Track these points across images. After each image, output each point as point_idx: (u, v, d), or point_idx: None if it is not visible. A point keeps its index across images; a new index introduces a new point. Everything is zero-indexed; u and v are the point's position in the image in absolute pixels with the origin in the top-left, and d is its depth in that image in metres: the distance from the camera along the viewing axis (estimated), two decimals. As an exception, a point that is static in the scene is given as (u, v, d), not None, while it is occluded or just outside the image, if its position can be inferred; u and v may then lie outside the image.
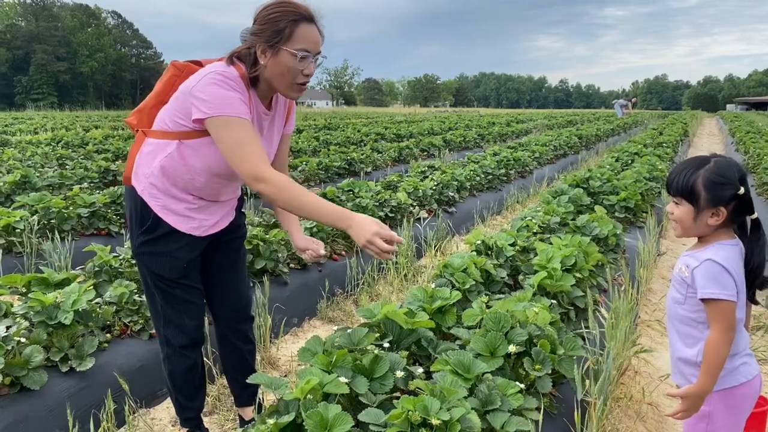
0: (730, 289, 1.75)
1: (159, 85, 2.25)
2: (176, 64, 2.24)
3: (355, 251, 4.67)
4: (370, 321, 2.55)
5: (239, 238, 2.50)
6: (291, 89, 2.13)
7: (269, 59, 2.06)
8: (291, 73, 2.07)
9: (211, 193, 2.25)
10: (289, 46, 2.02)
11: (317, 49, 2.09)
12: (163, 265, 2.24)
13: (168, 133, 2.13)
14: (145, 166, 2.18)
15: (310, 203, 1.97)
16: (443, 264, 3.32)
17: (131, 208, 2.24)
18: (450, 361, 2.18)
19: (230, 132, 1.99)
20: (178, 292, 2.29)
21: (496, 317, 2.48)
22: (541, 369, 2.34)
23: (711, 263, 1.77)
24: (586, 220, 4.42)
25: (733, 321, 1.76)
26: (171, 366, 2.40)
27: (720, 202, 1.78)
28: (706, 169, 1.81)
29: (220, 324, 2.56)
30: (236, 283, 2.52)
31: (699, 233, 1.86)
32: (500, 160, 8.80)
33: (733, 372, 1.83)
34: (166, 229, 2.20)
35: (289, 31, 2.01)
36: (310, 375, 1.97)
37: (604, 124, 20.67)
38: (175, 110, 2.11)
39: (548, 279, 3.11)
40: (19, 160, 8.41)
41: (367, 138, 13.64)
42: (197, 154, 2.12)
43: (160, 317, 2.34)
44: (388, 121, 22.63)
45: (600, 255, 3.83)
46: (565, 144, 12.66)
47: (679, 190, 1.85)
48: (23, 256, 4.37)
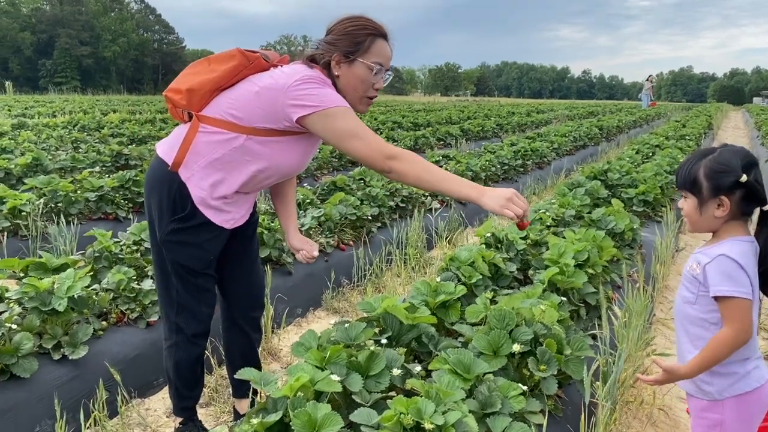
0: (746, 287, 1.63)
1: (221, 70, 2.11)
2: (245, 53, 2.14)
3: (362, 241, 4.58)
4: (369, 315, 2.46)
5: (252, 224, 2.45)
6: (360, 102, 2.17)
7: (343, 70, 2.09)
8: (364, 86, 2.11)
9: (260, 188, 2.24)
10: (366, 59, 2.08)
11: (388, 65, 2.15)
12: (191, 256, 2.19)
13: (237, 126, 2.06)
14: (200, 155, 2.09)
15: (441, 176, 2.03)
16: (450, 257, 3.21)
17: (164, 193, 2.13)
18: (449, 359, 2.07)
19: (346, 121, 2.02)
20: (201, 281, 2.25)
21: (501, 314, 2.37)
22: (546, 370, 2.22)
23: (724, 259, 1.66)
24: (601, 213, 4.27)
25: (749, 321, 1.64)
26: (179, 354, 2.34)
27: (721, 191, 1.68)
28: (709, 159, 1.72)
29: (232, 311, 2.50)
30: (250, 270, 2.47)
31: (709, 227, 1.75)
32: (517, 151, 8.63)
33: (745, 377, 1.71)
34: (201, 220, 2.13)
35: (368, 45, 2.08)
36: (301, 371, 1.88)
37: (626, 116, 20.30)
38: (252, 105, 2.04)
39: (559, 275, 2.99)
40: (34, 143, 8.42)
41: (383, 126, 13.49)
42: (266, 152, 2.09)
43: (174, 304, 2.27)
44: (406, 110, 22.44)
45: (615, 250, 3.69)
46: (585, 135, 12.42)
47: (683, 183, 1.76)
48: (28, 239, 4.33)
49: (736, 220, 1.71)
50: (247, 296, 2.48)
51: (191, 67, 2.20)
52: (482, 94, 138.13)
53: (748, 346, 1.68)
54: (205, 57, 2.22)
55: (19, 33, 68.75)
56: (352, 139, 2.02)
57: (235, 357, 2.53)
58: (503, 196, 1.95)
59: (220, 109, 2.08)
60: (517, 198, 1.97)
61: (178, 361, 2.34)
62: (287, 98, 1.99)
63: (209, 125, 2.09)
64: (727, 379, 1.72)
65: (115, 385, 2.63)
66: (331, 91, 2.04)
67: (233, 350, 2.53)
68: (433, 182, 2.02)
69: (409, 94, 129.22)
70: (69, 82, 67.18)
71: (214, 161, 2.09)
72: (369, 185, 5.51)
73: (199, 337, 2.34)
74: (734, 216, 1.70)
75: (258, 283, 2.52)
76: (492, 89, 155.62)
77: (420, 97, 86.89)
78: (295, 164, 2.23)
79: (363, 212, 4.68)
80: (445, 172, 2.06)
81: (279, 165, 2.15)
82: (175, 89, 2.13)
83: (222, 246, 2.25)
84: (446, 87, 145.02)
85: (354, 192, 5.21)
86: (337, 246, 4.42)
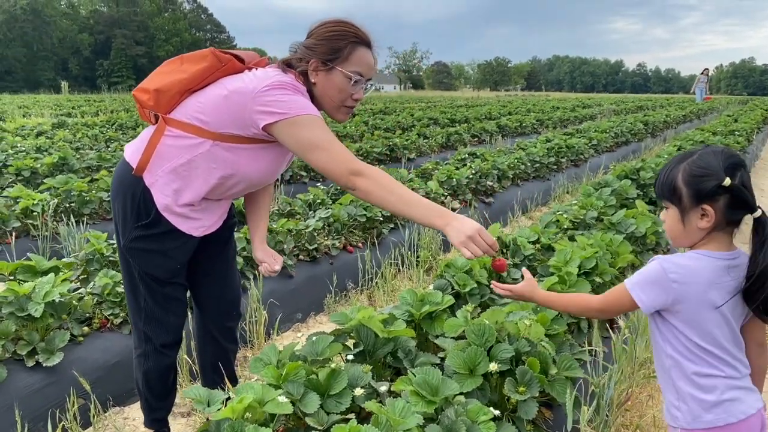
0: (646, 297, 1.52)
1: (191, 71, 2.00)
2: (218, 54, 2.02)
3: (369, 243, 4.44)
4: (343, 327, 2.32)
5: (228, 229, 2.33)
6: (338, 111, 2.05)
7: (321, 77, 1.98)
8: (341, 95, 2.01)
9: (230, 196, 2.13)
10: (345, 68, 1.97)
11: (370, 75, 2.04)
12: (156, 264, 2.09)
13: (203, 131, 1.95)
14: (165, 160, 1.98)
15: (408, 200, 1.88)
16: (446, 263, 3.03)
17: (129, 198, 2.03)
18: (413, 380, 1.91)
19: (312, 130, 1.90)
20: (168, 290, 2.15)
21: (480, 329, 2.19)
22: (525, 392, 2.04)
23: (654, 262, 1.52)
24: (622, 216, 4.01)
25: (617, 306, 1.63)
26: (148, 364, 2.25)
27: (702, 198, 1.47)
28: (688, 162, 1.51)
29: (205, 319, 2.40)
30: (224, 276, 2.36)
31: (692, 241, 1.54)
32: (551, 148, 8.32)
33: (717, 408, 1.49)
34: (166, 227, 2.03)
35: (348, 53, 1.97)
36: (249, 390, 1.76)
37: (675, 110, 19.47)
38: (221, 110, 1.93)
39: (559, 284, 2.78)
40: (69, 142, 8.59)
41: (419, 123, 13.30)
42: (233, 160, 1.98)
43: (141, 313, 2.17)
44: (447, 106, 22.14)
45: (631, 256, 3.45)
46: (628, 131, 11.92)
47: (661, 191, 1.56)
48: (38, 239, 4.36)
49: (719, 231, 1.50)
50: (221, 304, 2.37)
51: (164, 66, 2.08)
52: (533, 89, 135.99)
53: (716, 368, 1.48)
54: (179, 56, 2.11)
55: (78, 34, 71.26)
56: (316, 151, 1.89)
57: (207, 368, 2.43)
58: (464, 232, 1.79)
59: (188, 113, 1.97)
60: (481, 236, 1.80)
61: (146, 371, 2.25)
62: (255, 104, 1.88)
63: (175, 128, 1.98)
64: (695, 404, 1.51)
65: (93, 393, 2.57)
66: (301, 98, 1.92)
67: (205, 361, 2.43)
68: (399, 205, 1.87)
69: (457, 89, 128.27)
70: (125, 82, 69.17)
71: (178, 167, 1.98)
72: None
73: (169, 347, 2.23)
74: (718, 225, 1.49)
75: (233, 291, 2.40)
76: (542, 84, 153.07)
77: (469, 93, 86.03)
78: (265, 173, 2.10)
79: (374, 213, 4.54)
80: (414, 195, 1.90)
81: (247, 174, 2.04)
82: (143, 89, 2.02)
83: (190, 254, 2.14)
84: (495, 82, 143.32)
85: (368, 192, 5.06)
86: (343, 248, 4.29)
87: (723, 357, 1.50)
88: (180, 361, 2.89)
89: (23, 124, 12.26)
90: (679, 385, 1.55)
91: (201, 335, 2.44)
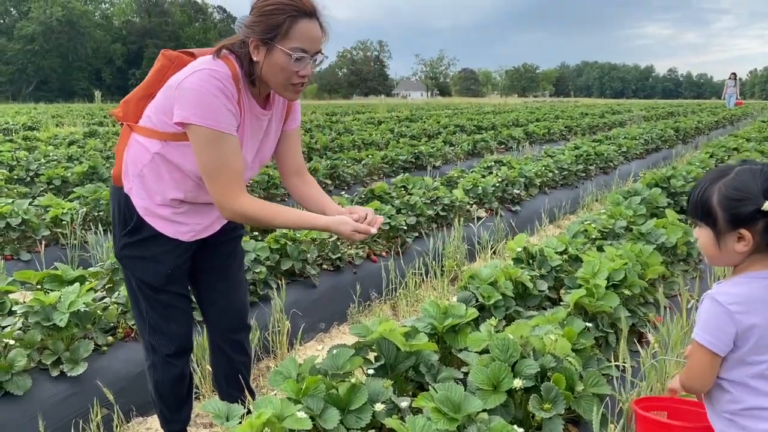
0: (717, 338, 1.40)
1: (149, 76, 2.07)
2: (167, 53, 2.05)
3: (393, 252, 4.40)
4: (363, 340, 2.29)
5: (233, 240, 2.31)
6: (285, 89, 1.95)
7: (262, 56, 1.87)
8: (285, 74, 1.88)
9: (201, 197, 2.06)
10: (285, 45, 1.84)
11: (316, 48, 1.90)
12: (147, 270, 2.08)
13: (154, 131, 1.95)
14: (132, 165, 2.01)
15: (287, 222, 1.99)
16: (469, 274, 2.98)
17: (115, 208, 2.10)
18: (435, 396, 1.87)
19: (208, 149, 1.85)
20: (165, 298, 2.14)
21: (504, 344, 2.14)
22: (550, 409, 1.98)
23: (708, 300, 1.43)
24: (652, 225, 3.91)
25: (703, 373, 1.44)
26: (157, 375, 2.25)
27: (739, 223, 1.39)
28: (723, 182, 1.43)
29: (212, 332, 2.39)
30: (229, 289, 2.32)
31: (730, 262, 1.47)
32: (579, 155, 8.20)
33: None
34: (150, 232, 2.03)
35: (287, 28, 1.83)
36: (268, 405, 1.74)
37: (707, 116, 19.08)
38: (160, 107, 1.93)
39: (587, 297, 2.71)
40: (99, 151, 8.73)
41: (445, 130, 13.25)
42: (183, 158, 1.95)
43: (146, 323, 2.18)
44: (474, 112, 22.03)
45: (662, 267, 3.35)
46: (659, 137, 11.70)
47: (695, 212, 1.48)
48: (67, 248, 4.42)
49: (761, 252, 1.42)
50: (226, 317, 2.34)
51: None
52: (561, 94, 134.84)
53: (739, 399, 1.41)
54: None
55: (111, 45, 72.76)
56: (204, 172, 1.89)
57: (220, 381, 2.41)
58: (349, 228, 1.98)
59: (145, 116, 1.99)
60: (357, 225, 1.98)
61: (157, 382, 2.25)
62: (175, 96, 1.85)
63: (137, 133, 2.00)
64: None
65: (117, 403, 2.58)
66: (217, 102, 1.82)
67: (218, 374, 2.41)
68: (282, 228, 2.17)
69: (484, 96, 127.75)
70: (156, 91, 70.31)
71: (143, 169, 1.98)
72: (411, 193, 5.32)
73: (175, 356, 2.22)
74: (758, 248, 1.41)
75: (239, 303, 2.36)
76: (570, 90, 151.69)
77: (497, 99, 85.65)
78: None
79: (398, 222, 4.50)
80: (292, 220, 1.99)
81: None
82: (120, 104, 2.09)
83: (182, 260, 2.12)
84: (523, 88, 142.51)
85: (392, 200, 5.03)
86: (367, 257, 4.27)
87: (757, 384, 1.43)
88: (203, 371, 2.89)
89: (56, 133, 12.52)
90: (730, 418, 1.49)
91: (212, 349, 2.42)
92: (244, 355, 2.41)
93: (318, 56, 1.91)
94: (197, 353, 2.88)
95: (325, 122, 16.16)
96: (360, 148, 10.32)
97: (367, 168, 7.72)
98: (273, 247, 3.66)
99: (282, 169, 2.26)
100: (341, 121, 17.03)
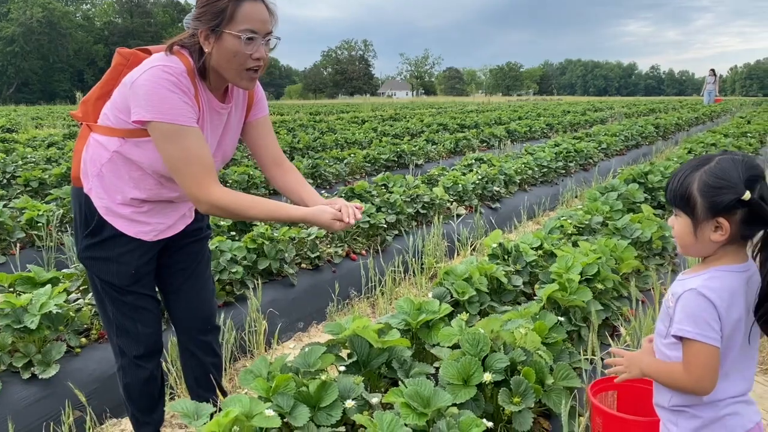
0: (711, 331, 1.37)
1: (105, 75, 2.06)
2: (122, 51, 2.04)
3: (373, 250, 4.41)
4: (336, 338, 2.29)
5: (198, 241, 2.30)
6: (240, 77, 1.92)
7: (213, 45, 1.86)
8: (238, 59, 1.87)
9: (163, 194, 2.05)
10: (232, 28, 1.83)
11: (266, 29, 1.89)
12: (110, 271, 2.07)
13: (112, 129, 1.94)
14: (92, 164, 2.00)
15: (263, 213, 1.96)
16: (445, 270, 3.00)
17: (76, 209, 2.08)
18: (405, 391, 1.88)
19: (172, 145, 1.84)
20: (130, 299, 2.12)
21: (474, 339, 2.15)
22: (520, 402, 2.00)
23: (694, 294, 1.39)
24: (627, 220, 3.95)
25: (709, 370, 1.38)
26: (126, 378, 2.24)
27: (718, 211, 1.38)
28: (705, 170, 1.42)
29: (179, 334, 2.38)
30: (195, 291, 2.31)
31: (703, 252, 1.47)
32: (559, 152, 8.25)
33: (716, 423, 1.44)
34: (112, 232, 2.02)
35: (231, 11, 1.82)
36: (237, 403, 1.74)
37: (687, 113, 19.27)
38: (116, 106, 1.92)
39: (560, 292, 2.73)
40: (79, 153, 8.64)
41: (428, 129, 13.27)
42: (143, 154, 1.93)
43: (113, 325, 2.16)
44: (458, 111, 22.08)
45: (636, 262, 3.39)
46: (638, 134, 11.79)
47: (673, 199, 1.47)
48: (43, 250, 4.38)
49: (733, 244, 1.43)
50: (193, 318, 2.32)
51: None
52: (545, 93, 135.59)
53: (721, 389, 1.41)
54: None
55: (93, 46, 72.09)
56: (172, 168, 1.88)
57: (190, 382, 2.40)
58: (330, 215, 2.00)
59: (102, 115, 1.98)
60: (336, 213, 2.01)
61: (126, 385, 2.24)
62: (131, 94, 1.84)
63: (96, 133, 1.99)
64: (692, 421, 1.46)
65: (89, 405, 2.56)
66: (173, 96, 1.82)
67: (188, 375, 2.40)
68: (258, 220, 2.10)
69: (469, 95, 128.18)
70: (139, 92, 69.74)
71: (102, 168, 1.97)
72: (391, 191, 5.33)
73: (144, 359, 2.20)
74: (732, 239, 1.42)
75: (206, 304, 2.35)
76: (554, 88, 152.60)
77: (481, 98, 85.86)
78: None
79: (378, 220, 4.51)
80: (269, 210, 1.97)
81: (161, 168, 1.95)
82: (79, 105, 2.08)
83: (145, 260, 2.10)
84: (507, 87, 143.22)
85: (372, 198, 5.04)
86: (347, 255, 4.27)
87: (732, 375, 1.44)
88: (178, 371, 2.88)
89: (35, 135, 12.38)
90: (677, 401, 1.50)
91: (181, 350, 2.41)
92: (214, 357, 2.40)
93: (270, 38, 1.91)
94: (172, 353, 2.87)
95: (308, 121, 16.13)
96: (343, 147, 10.30)
97: (349, 167, 7.71)
98: (250, 246, 3.65)
99: (260, 162, 2.25)
100: (325, 121, 17.00)
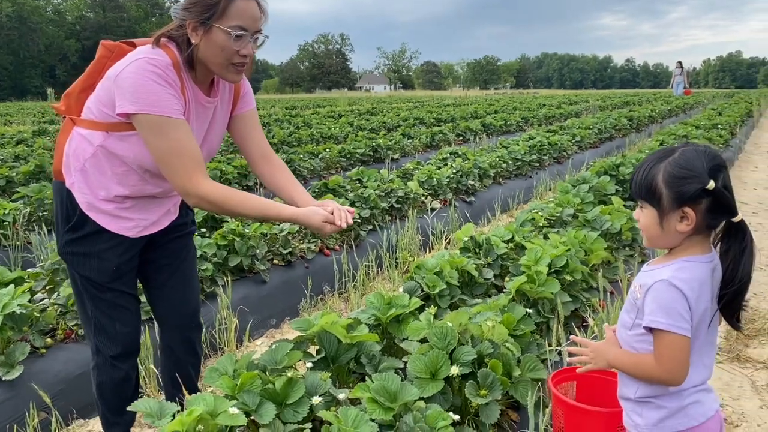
0: (683, 322, 1.38)
1: (89, 67, 2.02)
2: (106, 44, 2.00)
3: (347, 245, 4.40)
4: (305, 334, 2.28)
5: (182, 237, 2.27)
6: (227, 71, 1.92)
7: (201, 38, 1.86)
8: (225, 54, 1.87)
9: (147, 190, 2.03)
10: (223, 23, 1.83)
11: (256, 27, 1.89)
12: (91, 267, 2.03)
13: (95, 123, 1.91)
14: (74, 159, 1.96)
15: (254, 211, 1.97)
16: (417, 264, 3.00)
17: (57, 203, 2.04)
18: (371, 386, 1.87)
19: (159, 137, 1.82)
20: (110, 297, 2.08)
21: (442, 332, 2.16)
22: (486, 395, 2.01)
23: (665, 285, 1.40)
24: (597, 212, 3.99)
25: (681, 362, 1.40)
26: (100, 377, 2.20)
27: (684, 201, 1.40)
28: (669, 161, 1.43)
29: (163, 332, 2.35)
30: (180, 286, 2.29)
31: (670, 243, 1.48)
32: (533, 145, 8.30)
33: (679, 413, 1.46)
34: (94, 227, 1.98)
35: (224, 6, 1.82)
36: (201, 402, 1.72)
37: (661, 105, 19.51)
38: (100, 99, 1.89)
39: (528, 284, 2.75)
40: (48, 149, 8.49)
41: (404, 123, 13.27)
42: (127, 148, 1.91)
43: (90, 323, 2.13)
44: (435, 105, 22.10)
45: (605, 253, 3.43)
46: (612, 126, 11.92)
47: (639, 191, 1.48)
48: (9, 249, 4.29)
49: (698, 235, 1.45)
50: (178, 315, 2.30)
51: None
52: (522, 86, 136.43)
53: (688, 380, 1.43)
54: None
55: (65, 41, 70.87)
56: (160, 161, 1.86)
57: (167, 383, 2.37)
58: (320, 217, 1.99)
59: (85, 108, 1.95)
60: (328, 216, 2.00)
61: (99, 384, 2.20)
62: (115, 87, 1.82)
63: (79, 126, 1.97)
64: (657, 412, 1.48)
65: (55, 407, 2.52)
66: (159, 89, 1.81)
67: (165, 375, 2.38)
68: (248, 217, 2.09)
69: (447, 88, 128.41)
70: (112, 87, 68.79)
71: (85, 162, 1.95)
72: (366, 186, 5.31)
73: (119, 359, 2.17)
74: (697, 229, 1.43)
75: (190, 303, 2.33)
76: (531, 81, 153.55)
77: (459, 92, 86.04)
78: None
79: (350, 215, 4.49)
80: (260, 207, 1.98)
81: (145, 162, 1.93)
82: (62, 98, 2.04)
83: (128, 257, 2.07)
84: (485, 80, 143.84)
85: (347, 193, 5.02)
86: (320, 251, 4.25)
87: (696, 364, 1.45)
88: (147, 370, 2.85)
89: (3, 132, 12.14)
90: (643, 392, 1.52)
91: (161, 347, 2.38)
92: (193, 357, 2.38)
93: (258, 36, 1.91)
94: (141, 353, 2.83)
95: (284, 116, 16.03)
96: (318, 142, 10.26)
97: (324, 162, 7.68)
98: (220, 243, 3.62)
99: (248, 157, 2.23)
100: (301, 115, 16.90)
